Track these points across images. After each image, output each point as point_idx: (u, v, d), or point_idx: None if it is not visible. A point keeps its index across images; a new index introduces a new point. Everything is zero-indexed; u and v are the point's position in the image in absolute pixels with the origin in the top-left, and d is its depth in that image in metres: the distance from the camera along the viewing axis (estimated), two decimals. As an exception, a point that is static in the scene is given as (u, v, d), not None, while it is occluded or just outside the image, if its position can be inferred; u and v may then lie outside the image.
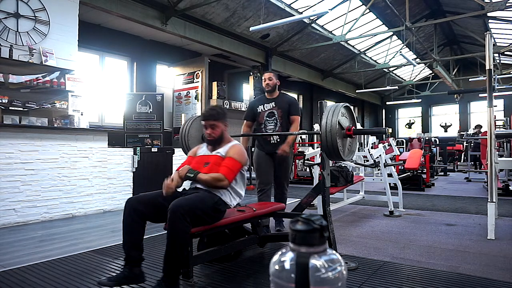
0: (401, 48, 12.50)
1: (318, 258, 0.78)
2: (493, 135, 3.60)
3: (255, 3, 8.76)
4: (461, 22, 12.32)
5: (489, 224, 3.41)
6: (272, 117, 3.51)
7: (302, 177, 9.27)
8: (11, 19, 4.75)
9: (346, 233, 3.65)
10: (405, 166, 7.09)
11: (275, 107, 3.53)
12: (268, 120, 3.53)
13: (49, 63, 4.95)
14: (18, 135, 4.22)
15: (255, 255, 2.96)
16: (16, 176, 4.13)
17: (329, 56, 13.68)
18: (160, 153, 5.89)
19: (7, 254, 2.98)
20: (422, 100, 19.04)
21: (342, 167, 4.59)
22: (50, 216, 4.39)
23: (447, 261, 2.75)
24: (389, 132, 3.52)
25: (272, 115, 3.52)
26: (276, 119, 3.51)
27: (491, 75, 3.55)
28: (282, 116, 3.51)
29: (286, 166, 3.60)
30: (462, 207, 5.08)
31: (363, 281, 2.35)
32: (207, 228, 2.32)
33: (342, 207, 4.90)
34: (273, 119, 3.51)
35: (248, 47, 10.59)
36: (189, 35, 8.61)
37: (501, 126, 8.66)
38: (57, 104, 4.99)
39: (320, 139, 2.28)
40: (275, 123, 3.51)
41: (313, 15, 9.27)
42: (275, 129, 3.51)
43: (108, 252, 3.01)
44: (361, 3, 10.28)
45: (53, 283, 2.34)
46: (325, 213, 2.57)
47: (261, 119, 3.54)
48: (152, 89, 9.29)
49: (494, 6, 8.14)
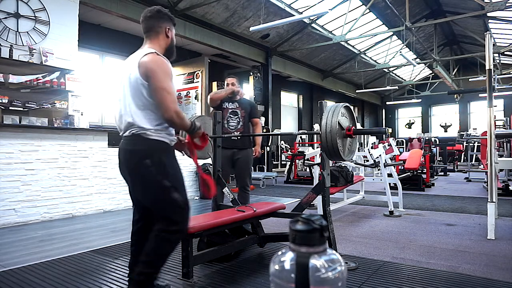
0: (401, 48, 12.50)
1: (318, 258, 0.78)
2: (493, 135, 3.60)
3: (255, 3, 8.76)
4: (461, 22, 12.32)
5: (489, 224, 3.41)
6: (235, 116, 3.78)
7: (302, 177, 9.27)
8: (11, 19, 4.75)
9: (346, 233, 3.65)
10: (405, 166, 7.09)
11: (238, 107, 3.80)
12: (231, 117, 3.79)
13: (49, 63, 4.95)
14: (18, 135, 4.22)
15: (255, 255, 2.96)
16: (16, 176, 4.13)
17: (329, 56, 13.68)
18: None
19: (7, 254, 2.98)
20: (422, 100, 19.04)
21: (342, 167, 4.59)
22: (50, 216, 4.39)
23: (447, 261, 2.75)
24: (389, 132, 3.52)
25: (235, 114, 3.78)
26: (239, 118, 3.77)
27: (491, 75, 3.54)
28: (245, 117, 3.80)
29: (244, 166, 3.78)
30: (462, 207, 5.08)
31: (363, 281, 2.35)
32: (207, 228, 2.32)
33: (342, 207, 4.90)
34: (236, 117, 3.78)
35: (248, 47, 10.59)
36: (189, 35, 8.61)
37: (501, 126, 8.66)
38: (57, 104, 4.99)
39: (320, 139, 2.28)
40: (237, 122, 3.78)
41: (313, 15, 9.27)
42: (237, 127, 3.77)
43: (108, 252, 3.02)
44: (361, 3, 10.28)
45: (53, 283, 2.34)
46: (325, 213, 2.57)
47: (225, 115, 3.78)
48: (152, 89, 9.28)
49: (494, 6, 8.14)
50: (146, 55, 1.84)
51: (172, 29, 2.05)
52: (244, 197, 3.69)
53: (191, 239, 2.27)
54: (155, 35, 1.99)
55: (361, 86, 16.78)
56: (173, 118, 1.80)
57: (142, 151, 1.85)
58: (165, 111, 1.79)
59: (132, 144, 1.88)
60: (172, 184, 1.86)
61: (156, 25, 1.99)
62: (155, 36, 1.99)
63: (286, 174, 9.24)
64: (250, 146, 3.81)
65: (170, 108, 1.78)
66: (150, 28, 2.00)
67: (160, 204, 1.88)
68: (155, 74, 1.80)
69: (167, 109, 1.79)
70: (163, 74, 1.81)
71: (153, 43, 1.99)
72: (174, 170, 1.92)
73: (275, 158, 13.10)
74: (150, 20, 2.00)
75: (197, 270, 2.51)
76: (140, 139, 1.85)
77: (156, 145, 1.87)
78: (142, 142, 1.85)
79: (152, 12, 2.00)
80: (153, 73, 1.80)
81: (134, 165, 1.88)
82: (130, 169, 1.90)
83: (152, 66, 1.81)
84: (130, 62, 1.91)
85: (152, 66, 1.81)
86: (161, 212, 1.88)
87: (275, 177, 8.64)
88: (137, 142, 1.86)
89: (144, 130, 1.85)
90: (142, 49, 1.94)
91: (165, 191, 1.85)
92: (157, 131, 1.87)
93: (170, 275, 2.44)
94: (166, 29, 2.01)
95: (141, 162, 1.84)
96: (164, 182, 1.84)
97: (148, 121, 1.85)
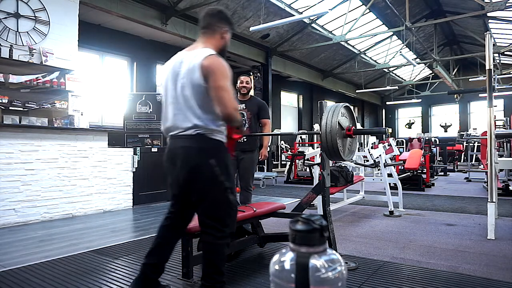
0: (401, 48, 12.50)
1: (318, 258, 0.78)
2: (493, 135, 3.60)
3: (255, 3, 8.76)
4: (461, 22, 12.32)
5: (489, 224, 3.41)
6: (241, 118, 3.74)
7: (302, 177, 9.27)
8: (11, 19, 4.75)
9: (346, 233, 3.65)
10: (405, 166, 7.09)
11: (245, 109, 3.75)
12: None
13: (49, 63, 4.95)
14: (18, 135, 4.22)
15: (255, 255, 2.96)
16: (16, 176, 4.13)
17: (329, 56, 13.68)
18: (160, 153, 5.88)
19: (7, 254, 2.98)
20: (422, 100, 19.04)
21: (342, 167, 4.59)
22: (50, 216, 4.39)
23: (447, 261, 2.75)
24: (389, 132, 3.52)
25: (242, 116, 3.71)
26: (244, 120, 3.71)
27: (491, 75, 3.54)
28: (251, 118, 3.74)
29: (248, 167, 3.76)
30: (462, 207, 5.08)
31: (363, 281, 2.35)
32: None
33: (342, 207, 4.90)
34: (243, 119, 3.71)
35: (248, 47, 10.59)
36: (189, 35, 8.61)
37: (501, 126, 8.66)
38: (57, 104, 4.99)
39: (320, 139, 2.28)
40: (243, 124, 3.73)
41: (313, 15, 9.28)
42: None
43: (108, 252, 3.01)
44: (361, 3, 10.28)
45: (53, 283, 2.34)
46: (325, 213, 2.57)
47: None
48: (152, 89, 9.29)
49: (494, 6, 8.14)
50: (207, 58, 1.86)
51: (229, 32, 2.11)
52: (247, 197, 3.69)
53: (191, 239, 2.27)
54: (211, 34, 2.03)
55: (361, 86, 16.78)
56: (232, 114, 1.83)
57: (208, 151, 1.88)
58: (225, 107, 1.82)
59: (196, 143, 1.88)
60: (230, 185, 1.92)
61: (215, 24, 2.04)
62: (211, 35, 2.03)
63: (286, 174, 9.24)
64: (256, 148, 3.77)
65: (229, 105, 1.81)
66: (208, 26, 2.04)
67: (217, 204, 1.91)
68: (214, 75, 1.84)
69: (226, 106, 1.81)
70: (221, 75, 1.85)
71: (208, 42, 2.02)
72: (232, 172, 2.02)
73: (275, 158, 13.10)
74: (210, 18, 2.05)
75: (197, 270, 2.50)
76: (204, 139, 1.88)
77: (219, 146, 1.93)
78: (208, 142, 1.89)
79: (213, 11, 2.09)
80: (212, 73, 1.84)
81: (197, 163, 1.88)
82: (190, 167, 1.88)
83: (212, 67, 1.85)
84: (187, 61, 1.91)
85: (212, 67, 1.85)
86: (216, 212, 1.91)
87: (275, 177, 8.64)
88: (201, 142, 1.88)
89: (209, 131, 1.89)
90: (198, 49, 1.94)
91: (225, 192, 1.90)
92: (219, 132, 1.93)
93: (170, 275, 2.44)
94: (223, 30, 2.06)
95: (206, 161, 1.86)
96: (225, 183, 1.89)
97: (211, 121, 1.89)
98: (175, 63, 1.97)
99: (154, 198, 5.71)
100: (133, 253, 3.00)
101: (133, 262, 2.77)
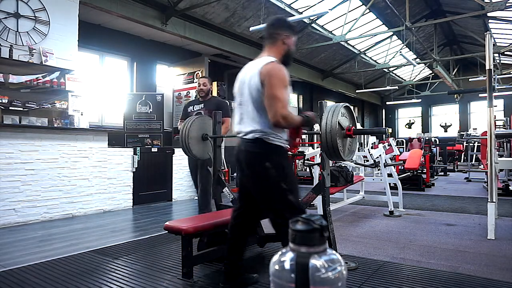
0: (401, 48, 12.50)
1: (318, 258, 0.78)
2: (493, 135, 3.60)
3: (255, 3, 8.76)
4: (461, 22, 12.31)
5: (489, 224, 3.41)
6: None
7: (302, 177, 9.27)
8: (11, 19, 4.75)
9: (346, 233, 3.65)
10: (405, 166, 7.09)
11: (203, 108, 3.86)
12: None
13: (49, 63, 4.95)
14: (18, 135, 4.22)
15: (255, 255, 2.96)
16: (16, 176, 4.14)
17: (329, 56, 13.67)
18: (160, 153, 5.89)
19: (7, 254, 2.98)
20: (422, 100, 19.03)
21: (342, 167, 4.59)
22: (50, 216, 4.39)
23: (447, 261, 2.75)
24: (389, 132, 3.52)
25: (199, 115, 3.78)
26: None
27: (491, 75, 3.55)
28: None
29: None
30: (462, 207, 5.08)
31: (363, 281, 2.35)
32: (207, 228, 2.32)
33: (342, 207, 4.90)
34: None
35: (248, 47, 10.58)
36: (189, 35, 8.60)
37: (501, 126, 8.66)
38: (57, 104, 4.99)
39: (320, 139, 2.28)
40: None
41: (313, 15, 9.27)
42: None
43: (108, 252, 3.02)
44: (361, 3, 10.28)
45: (53, 283, 2.34)
46: (325, 213, 2.57)
47: None
48: (152, 89, 9.28)
49: (494, 6, 8.14)
50: (266, 65, 1.96)
51: (290, 37, 2.16)
52: None
53: (191, 239, 2.28)
54: (273, 42, 2.13)
55: (361, 86, 16.77)
56: (279, 122, 1.92)
57: (263, 154, 2.00)
58: (273, 115, 1.92)
59: (254, 147, 2.02)
60: (288, 187, 1.99)
61: (274, 33, 2.13)
62: (272, 43, 2.13)
63: (286, 174, 9.21)
64: None
65: (277, 113, 1.90)
66: (269, 36, 2.15)
67: (275, 204, 2.01)
68: (270, 82, 1.93)
69: (274, 114, 1.91)
70: (277, 81, 1.93)
71: (271, 50, 2.12)
72: (291, 174, 2.08)
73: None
74: (270, 27, 2.16)
75: (197, 270, 2.51)
76: (262, 143, 2.00)
77: (276, 149, 2.02)
78: (264, 146, 2.00)
79: (272, 20, 2.19)
80: (268, 80, 1.93)
81: (254, 166, 2.03)
82: (250, 170, 2.07)
83: (269, 74, 1.94)
84: (251, 69, 2.05)
85: (269, 74, 1.94)
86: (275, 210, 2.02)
87: (275, 177, 8.62)
88: (258, 146, 2.00)
89: (266, 135, 2.00)
90: (262, 58, 2.06)
91: (282, 193, 1.98)
92: (277, 136, 2.02)
93: (170, 275, 2.44)
94: (284, 36, 2.12)
95: (262, 164, 1.99)
96: (281, 184, 1.98)
97: (269, 126, 1.98)
98: (245, 71, 2.12)
99: (154, 198, 5.71)
100: (133, 253, 3.00)
101: (133, 262, 2.77)
